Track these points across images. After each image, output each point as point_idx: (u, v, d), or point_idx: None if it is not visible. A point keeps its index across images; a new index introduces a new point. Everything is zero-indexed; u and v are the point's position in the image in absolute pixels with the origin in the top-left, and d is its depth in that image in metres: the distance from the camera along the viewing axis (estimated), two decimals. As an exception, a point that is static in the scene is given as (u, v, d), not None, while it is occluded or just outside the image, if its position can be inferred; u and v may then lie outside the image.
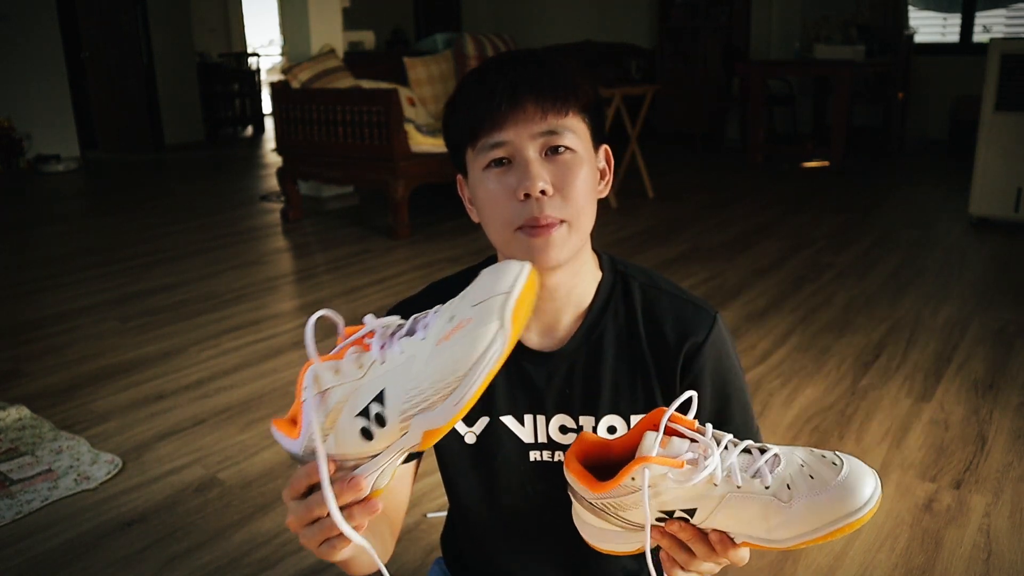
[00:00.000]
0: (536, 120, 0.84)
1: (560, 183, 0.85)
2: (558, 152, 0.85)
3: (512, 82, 0.84)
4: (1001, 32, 6.73)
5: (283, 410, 2.32)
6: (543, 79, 0.85)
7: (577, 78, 0.88)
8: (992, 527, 1.69)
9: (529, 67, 0.86)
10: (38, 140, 7.02)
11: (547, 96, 0.84)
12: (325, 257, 4.03)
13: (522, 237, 0.86)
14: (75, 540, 1.72)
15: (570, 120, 0.86)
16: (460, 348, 0.58)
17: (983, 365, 2.51)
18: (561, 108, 0.85)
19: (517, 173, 0.84)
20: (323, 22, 5.12)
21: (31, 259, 4.08)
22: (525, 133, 0.84)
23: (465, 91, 0.89)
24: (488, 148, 0.85)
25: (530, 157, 0.84)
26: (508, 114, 0.84)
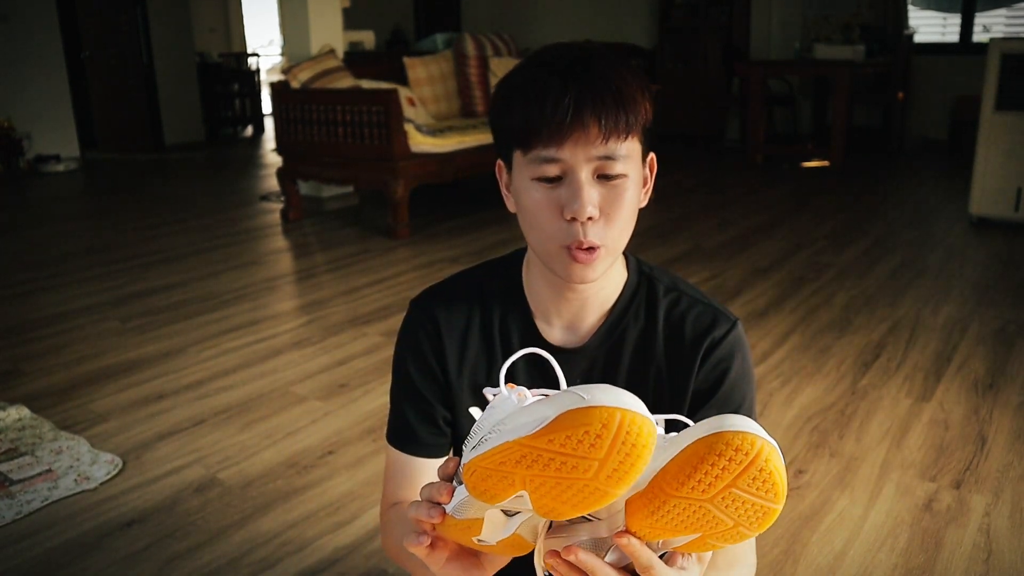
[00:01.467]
0: (596, 143, 0.81)
1: (608, 208, 0.83)
2: (611, 178, 0.83)
3: (577, 96, 0.80)
4: (1001, 32, 6.72)
5: (283, 410, 2.32)
6: (610, 98, 0.80)
7: (639, 94, 0.83)
8: (992, 527, 1.69)
9: (596, 80, 0.81)
10: (38, 140, 7.02)
11: (611, 119, 0.80)
12: (325, 257, 4.02)
13: (564, 256, 0.85)
14: (75, 540, 1.72)
15: (629, 143, 0.83)
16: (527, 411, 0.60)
17: (983, 365, 2.51)
18: (623, 132, 0.82)
19: (568, 192, 0.82)
20: (323, 22, 5.12)
21: (31, 259, 4.08)
22: (582, 155, 0.81)
23: (524, 88, 0.83)
24: (540, 161, 0.82)
25: (583, 180, 0.81)
26: (569, 131, 0.80)
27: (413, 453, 0.99)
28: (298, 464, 2.02)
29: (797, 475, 1.91)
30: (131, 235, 4.55)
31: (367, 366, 2.59)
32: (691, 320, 0.95)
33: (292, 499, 1.86)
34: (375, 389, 2.41)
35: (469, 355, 0.98)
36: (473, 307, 0.98)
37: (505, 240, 4.17)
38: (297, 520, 1.78)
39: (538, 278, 0.95)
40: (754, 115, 6.32)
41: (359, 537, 1.70)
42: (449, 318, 0.98)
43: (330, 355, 2.71)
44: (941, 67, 6.81)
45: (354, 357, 2.66)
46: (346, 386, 2.46)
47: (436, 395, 0.99)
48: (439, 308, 0.99)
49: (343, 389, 2.44)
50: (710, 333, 0.94)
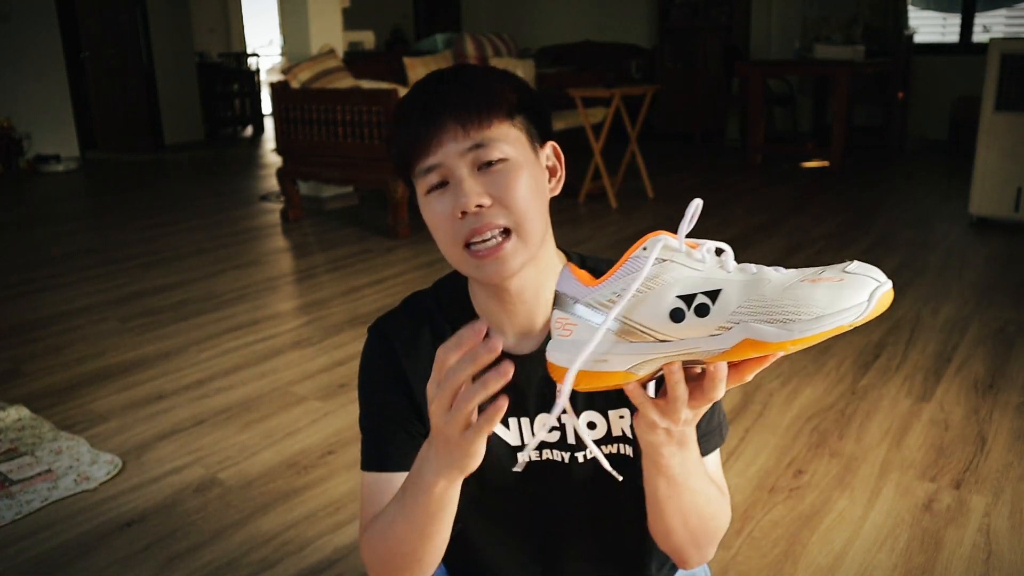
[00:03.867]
0: (459, 137, 0.83)
1: (498, 192, 0.84)
2: (491, 165, 0.84)
3: (426, 104, 0.84)
4: (1001, 32, 6.72)
5: (283, 410, 2.32)
6: (458, 94, 0.84)
7: (496, 85, 0.86)
8: (992, 527, 1.69)
9: (445, 85, 0.86)
10: (38, 140, 7.02)
11: (463, 111, 0.83)
12: (325, 257, 4.03)
13: (471, 259, 0.86)
14: (75, 540, 1.72)
15: (496, 129, 0.85)
16: (826, 293, 0.61)
17: (983, 365, 2.51)
18: (483, 119, 0.84)
19: (453, 192, 0.84)
20: (323, 22, 5.12)
21: (31, 259, 4.08)
22: (452, 152, 0.84)
23: (395, 120, 0.89)
24: (423, 174, 0.85)
25: (462, 175, 0.84)
26: (430, 137, 0.84)
27: (392, 469, 0.97)
28: (298, 464, 2.02)
29: (797, 475, 1.91)
30: (131, 235, 4.55)
31: (367, 366, 2.59)
32: None
33: (292, 499, 1.86)
34: (375, 389, 2.41)
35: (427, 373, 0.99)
36: (426, 327, 0.99)
37: (505, 240, 4.16)
38: (297, 520, 1.78)
39: (478, 290, 0.95)
40: (754, 115, 6.32)
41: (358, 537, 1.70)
42: (405, 340, 0.99)
43: (330, 355, 2.71)
44: (941, 67, 6.82)
45: (354, 357, 2.66)
46: (346, 386, 2.46)
47: (406, 412, 0.98)
48: (394, 331, 1.00)
49: (343, 389, 2.44)
50: None
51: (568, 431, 0.97)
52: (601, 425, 0.96)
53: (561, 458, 0.99)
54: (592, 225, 4.49)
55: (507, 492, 1.04)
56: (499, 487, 1.03)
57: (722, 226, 4.40)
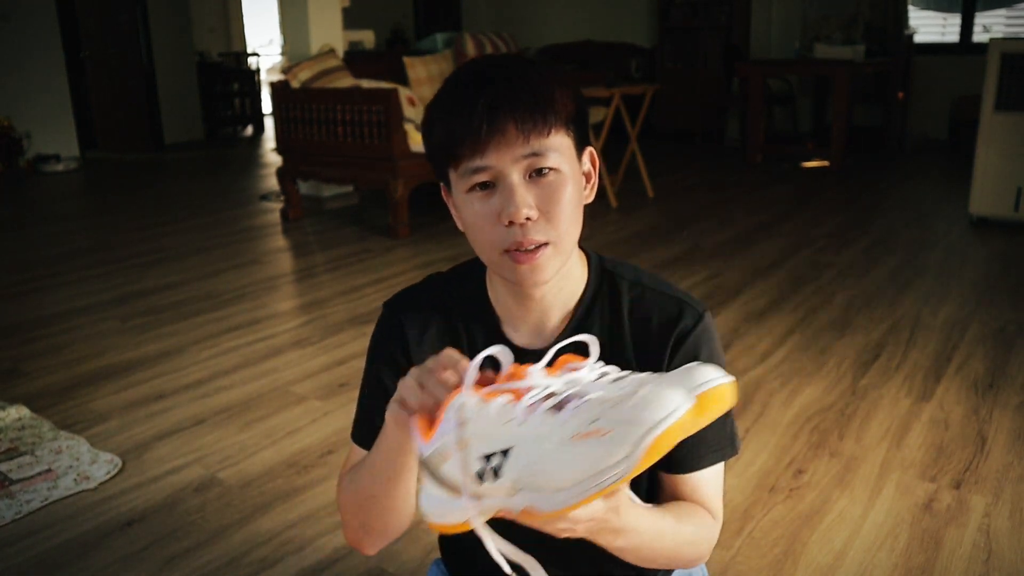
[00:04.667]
0: (518, 143, 0.81)
1: (545, 206, 0.83)
2: (542, 174, 0.83)
3: (490, 103, 0.80)
4: (1001, 32, 6.72)
5: (282, 410, 2.32)
6: (523, 98, 0.81)
7: (557, 91, 0.84)
8: (992, 527, 1.69)
9: (508, 83, 0.82)
10: (38, 139, 7.01)
11: (528, 117, 0.81)
12: (325, 256, 4.02)
13: (508, 261, 0.85)
14: (75, 540, 1.72)
15: (553, 139, 0.83)
16: (585, 456, 0.59)
17: (983, 365, 2.51)
18: (543, 128, 0.82)
19: (501, 198, 0.83)
20: (323, 21, 5.12)
21: (31, 258, 4.08)
22: (508, 157, 0.81)
23: (441, 108, 0.85)
24: (470, 172, 0.83)
25: (514, 182, 0.82)
26: (489, 139, 0.81)
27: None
28: (298, 464, 2.02)
29: (797, 475, 1.91)
30: (131, 234, 4.54)
31: (367, 366, 2.59)
32: (657, 313, 0.94)
33: (292, 499, 1.86)
34: (375, 389, 2.41)
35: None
36: (440, 315, 0.99)
37: (505, 240, 4.16)
38: (297, 520, 1.78)
39: (499, 285, 0.95)
40: (754, 115, 6.32)
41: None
42: (416, 326, 1.00)
43: (330, 354, 2.71)
44: (941, 67, 6.82)
45: (354, 356, 2.66)
46: (346, 385, 2.46)
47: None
48: (408, 315, 1.01)
49: (343, 388, 2.44)
50: (677, 324, 0.92)
51: None
52: None
53: None
54: (592, 224, 4.48)
55: None
56: None
57: (722, 226, 4.40)
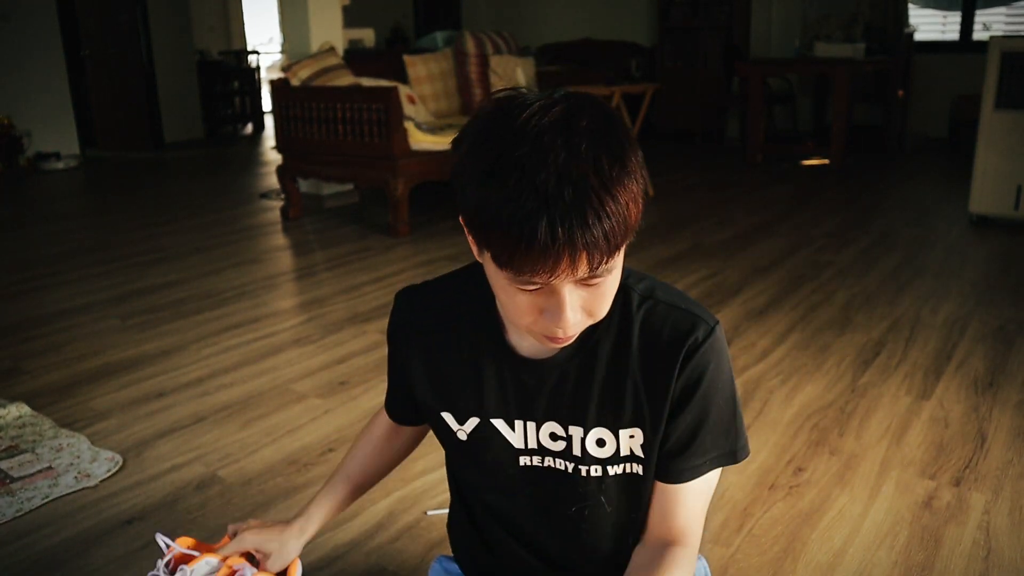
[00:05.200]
0: (580, 269, 0.74)
1: (590, 307, 0.81)
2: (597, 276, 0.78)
3: (567, 236, 0.71)
4: (1001, 30, 6.72)
5: (283, 408, 2.32)
6: (600, 230, 0.72)
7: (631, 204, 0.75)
8: (992, 525, 1.69)
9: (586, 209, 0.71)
10: (38, 138, 7.01)
11: (601, 251, 0.73)
12: (325, 255, 4.03)
13: (540, 337, 0.84)
14: (75, 538, 1.73)
15: (616, 259, 0.78)
16: None
17: (983, 363, 2.51)
18: (612, 255, 0.75)
19: (550, 305, 0.78)
20: (323, 20, 5.12)
21: (31, 257, 4.08)
22: (569, 279, 0.76)
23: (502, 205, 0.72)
24: (522, 281, 0.76)
25: (565, 299, 0.77)
26: (557, 262, 0.72)
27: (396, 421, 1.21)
28: (298, 462, 2.02)
29: (796, 473, 1.92)
30: (131, 233, 4.55)
31: (367, 364, 2.59)
32: (668, 327, 0.91)
33: (292, 497, 1.86)
34: (375, 387, 2.41)
35: (439, 364, 1.01)
36: (448, 316, 1.00)
37: (505, 238, 4.16)
38: (297, 517, 1.78)
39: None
40: (754, 114, 6.31)
41: (359, 535, 1.71)
42: (423, 325, 1.02)
43: (330, 353, 2.71)
44: (941, 65, 6.82)
45: (354, 355, 2.67)
46: (346, 384, 2.46)
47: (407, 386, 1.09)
48: (417, 313, 1.03)
49: (343, 387, 2.44)
50: (688, 338, 0.91)
51: (574, 443, 0.96)
52: (610, 443, 0.95)
53: (565, 467, 0.99)
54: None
55: (511, 493, 1.04)
56: (503, 487, 1.04)
57: (722, 225, 4.40)
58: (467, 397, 0.99)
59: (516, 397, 0.97)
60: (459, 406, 1.01)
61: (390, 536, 1.69)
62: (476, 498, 1.10)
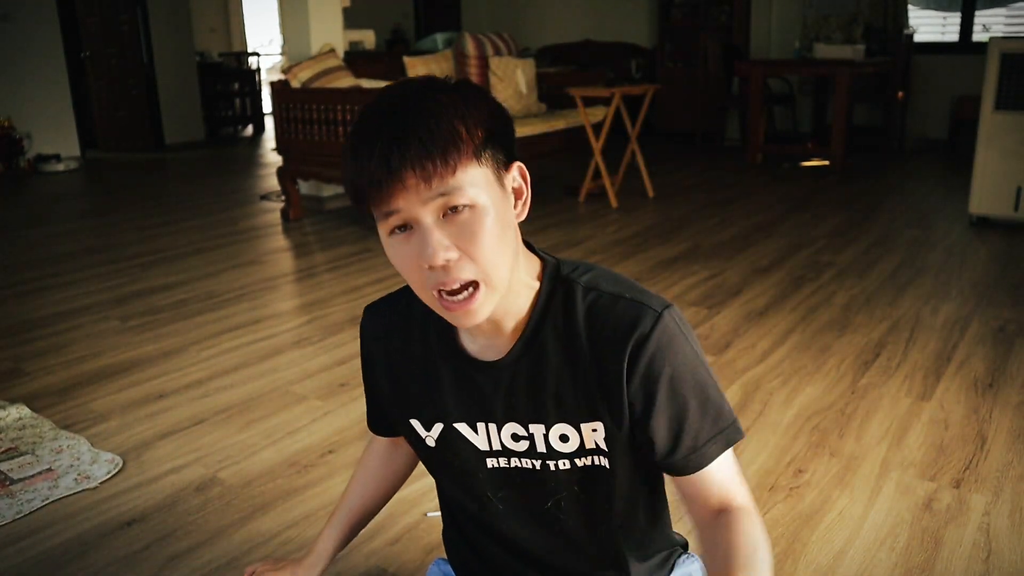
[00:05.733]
0: (421, 188, 0.78)
1: (464, 244, 0.80)
2: (457, 211, 0.79)
3: (384, 150, 0.77)
4: (1001, 31, 6.72)
5: (283, 409, 2.32)
6: (417, 142, 0.77)
7: (460, 123, 0.79)
8: (992, 526, 1.69)
9: (403, 124, 0.78)
10: (38, 139, 7.02)
11: (425, 162, 0.77)
12: (325, 257, 4.03)
13: (440, 305, 0.84)
14: (75, 539, 1.73)
15: (461, 175, 0.79)
16: None
17: (983, 364, 2.51)
18: (447, 167, 0.78)
19: (418, 242, 0.80)
20: (323, 21, 5.12)
21: (31, 258, 4.08)
22: (415, 200, 0.78)
23: (346, 150, 0.82)
24: (384, 216, 0.81)
25: (427, 225, 0.79)
26: (388, 186, 0.78)
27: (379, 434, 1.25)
28: (298, 463, 2.02)
29: (797, 474, 1.92)
30: (131, 234, 4.55)
31: (367, 365, 2.59)
32: (613, 320, 0.88)
33: (292, 498, 1.86)
34: (375, 388, 2.41)
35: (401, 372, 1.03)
36: (405, 324, 1.02)
37: (505, 239, 4.16)
38: (297, 519, 1.78)
39: None
40: (754, 114, 6.32)
41: (359, 536, 1.70)
42: (383, 335, 1.04)
43: (330, 354, 2.71)
44: (941, 66, 6.82)
45: (354, 356, 2.67)
46: (346, 385, 2.46)
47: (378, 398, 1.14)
48: (377, 324, 1.06)
49: (343, 388, 2.44)
50: (634, 331, 0.87)
51: (537, 440, 0.96)
52: (574, 438, 0.95)
53: (532, 465, 0.98)
54: (592, 224, 4.49)
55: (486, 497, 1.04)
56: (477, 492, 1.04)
57: (722, 226, 4.40)
58: (429, 402, 1.00)
59: (474, 400, 0.97)
60: (423, 412, 1.02)
61: (390, 538, 1.69)
62: (457, 506, 1.11)
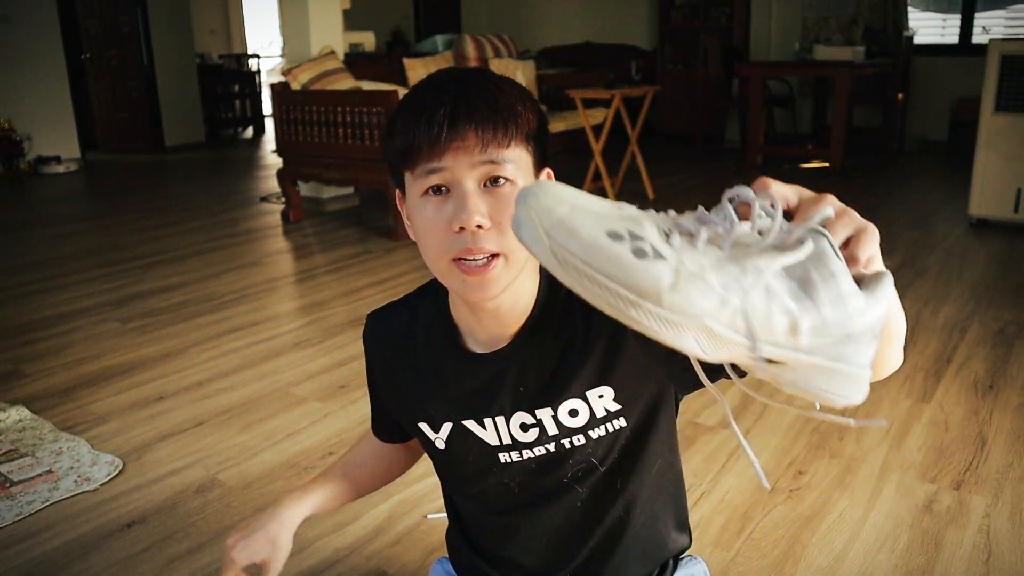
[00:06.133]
0: (476, 151, 0.81)
1: (497, 216, 0.82)
2: (498, 184, 0.83)
3: (452, 108, 0.81)
4: (1000, 33, 6.73)
5: (283, 411, 2.32)
6: (484, 107, 0.82)
7: (520, 105, 0.85)
8: (992, 528, 1.69)
9: (470, 91, 0.83)
10: (38, 141, 7.02)
11: (488, 126, 0.81)
12: (325, 258, 4.03)
13: (457, 272, 0.84)
14: (75, 541, 1.72)
15: (512, 151, 0.83)
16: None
17: (983, 366, 2.51)
18: (503, 139, 0.82)
19: (455, 204, 0.82)
20: (323, 23, 5.12)
21: (31, 260, 4.08)
22: (465, 162, 0.82)
23: (404, 111, 0.86)
24: (426, 174, 0.83)
25: (468, 189, 0.82)
26: (447, 142, 0.81)
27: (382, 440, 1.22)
28: (298, 465, 2.02)
29: (797, 476, 1.91)
30: (131, 236, 4.55)
31: (367, 367, 2.59)
32: None
33: (292, 500, 1.86)
34: (375, 390, 2.41)
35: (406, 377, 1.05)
36: (408, 329, 1.04)
37: (505, 241, 4.16)
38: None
39: (457, 301, 0.96)
40: (754, 116, 6.32)
41: (359, 538, 1.71)
42: (387, 341, 1.07)
43: (330, 356, 2.71)
44: (941, 68, 6.82)
45: (354, 358, 2.66)
46: (346, 387, 2.46)
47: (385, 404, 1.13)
48: (381, 329, 1.09)
49: (343, 390, 2.44)
50: None
51: (547, 424, 0.97)
52: (583, 411, 0.95)
53: (546, 451, 0.99)
54: (592, 226, 4.48)
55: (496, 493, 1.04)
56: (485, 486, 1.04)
57: (722, 227, 4.39)
58: (436, 404, 1.01)
59: (480, 395, 0.98)
60: (431, 414, 1.03)
61: (390, 540, 1.69)
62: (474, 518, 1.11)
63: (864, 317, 0.52)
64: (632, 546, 1.05)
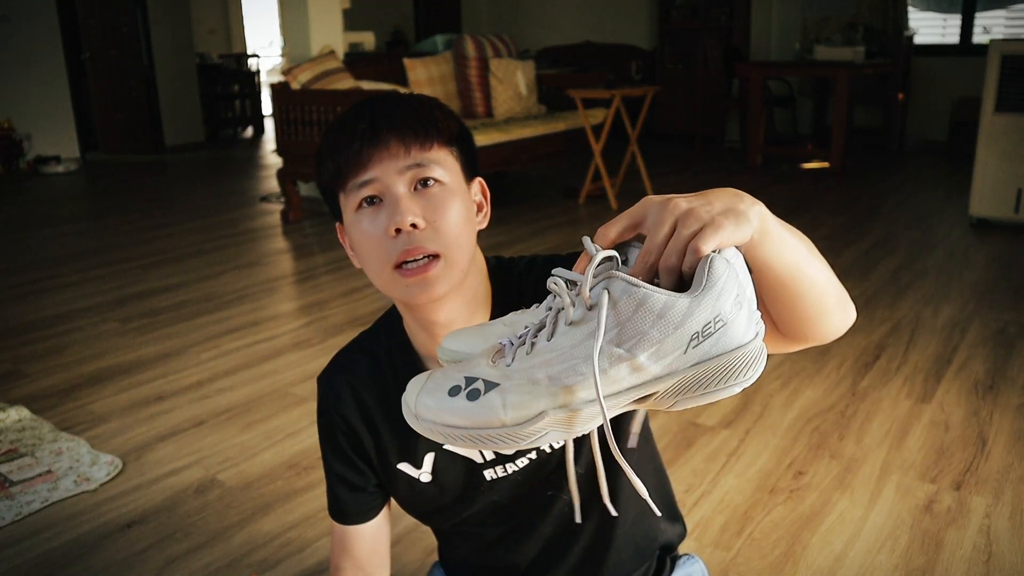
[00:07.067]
0: (400, 155, 0.84)
1: (432, 216, 0.84)
2: (427, 185, 0.85)
3: (371, 121, 0.85)
4: (1001, 33, 6.73)
5: (283, 411, 2.32)
6: (403, 113, 0.86)
7: (438, 111, 0.89)
8: (992, 528, 1.69)
9: (388, 104, 0.87)
10: (38, 141, 7.02)
11: (408, 130, 0.85)
12: (325, 258, 4.03)
13: (400, 278, 0.84)
14: (75, 541, 1.72)
15: (436, 153, 0.86)
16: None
17: (983, 366, 2.51)
18: (424, 141, 0.85)
19: (388, 210, 0.84)
20: (323, 23, 5.12)
21: (31, 260, 4.08)
22: (392, 168, 0.84)
23: (328, 138, 0.89)
24: (357, 188, 0.85)
25: (399, 192, 0.84)
26: (372, 152, 0.84)
27: (347, 523, 1.08)
28: (298, 465, 2.02)
29: (797, 476, 1.91)
30: (131, 236, 4.55)
31: (367, 367, 2.59)
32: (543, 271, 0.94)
33: (292, 500, 1.86)
34: (375, 390, 2.41)
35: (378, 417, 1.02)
36: (372, 370, 1.02)
37: (503, 243, 4.17)
38: (297, 521, 1.78)
39: (412, 325, 0.96)
40: (754, 116, 6.31)
41: None
42: (356, 391, 1.03)
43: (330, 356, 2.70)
44: (941, 68, 6.82)
45: (354, 358, 2.66)
46: (346, 387, 2.46)
47: (359, 467, 1.05)
48: (344, 383, 1.05)
49: (343, 390, 2.44)
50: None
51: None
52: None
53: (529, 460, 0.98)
54: (592, 226, 4.49)
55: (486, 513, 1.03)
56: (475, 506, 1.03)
57: (722, 227, 4.39)
58: (415, 437, 0.99)
59: None
60: (410, 449, 1.01)
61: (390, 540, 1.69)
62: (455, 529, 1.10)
63: (699, 314, 0.53)
64: (624, 545, 1.04)
